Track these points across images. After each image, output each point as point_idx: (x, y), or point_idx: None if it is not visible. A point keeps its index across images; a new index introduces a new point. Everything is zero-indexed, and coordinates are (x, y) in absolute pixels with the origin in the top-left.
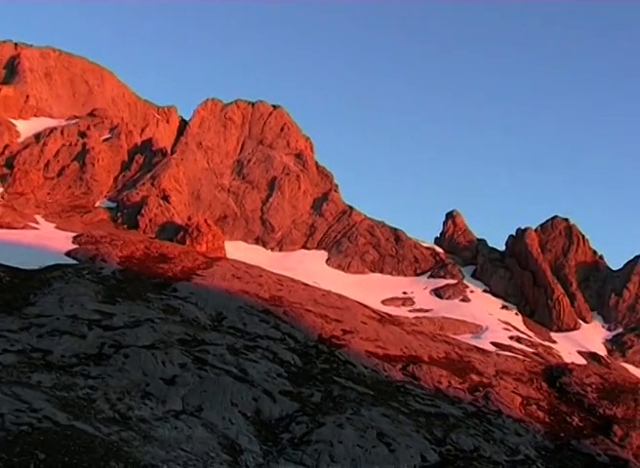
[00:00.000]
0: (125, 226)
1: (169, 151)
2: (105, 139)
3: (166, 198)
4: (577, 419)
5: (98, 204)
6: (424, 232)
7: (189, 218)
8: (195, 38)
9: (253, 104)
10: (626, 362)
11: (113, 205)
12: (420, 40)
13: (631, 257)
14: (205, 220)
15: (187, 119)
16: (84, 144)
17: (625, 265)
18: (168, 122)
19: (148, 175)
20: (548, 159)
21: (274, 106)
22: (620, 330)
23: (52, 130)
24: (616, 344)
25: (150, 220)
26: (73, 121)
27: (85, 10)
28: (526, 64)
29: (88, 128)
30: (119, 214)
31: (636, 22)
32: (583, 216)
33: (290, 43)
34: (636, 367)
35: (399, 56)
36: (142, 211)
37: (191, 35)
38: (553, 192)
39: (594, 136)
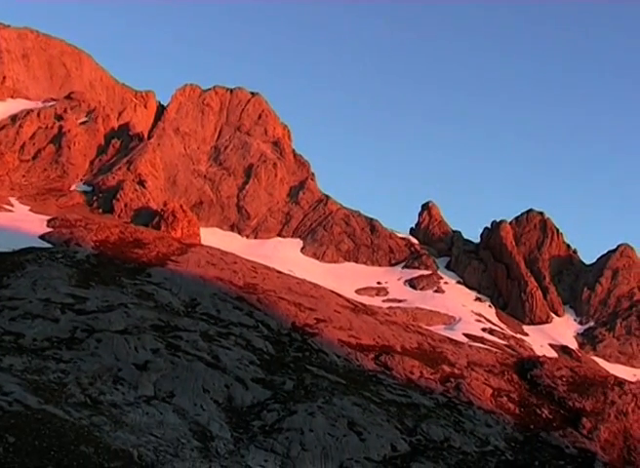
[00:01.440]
0: (100, 210)
1: (146, 136)
2: (82, 123)
3: (142, 183)
4: (546, 412)
5: (73, 187)
6: (400, 223)
7: (165, 204)
8: (175, 23)
9: (231, 91)
10: (597, 355)
11: (89, 189)
12: (398, 28)
13: (604, 252)
14: (181, 206)
15: (165, 104)
16: (60, 127)
17: (598, 260)
18: (145, 107)
19: (125, 160)
20: (525, 152)
21: (253, 93)
22: (592, 323)
23: (28, 112)
24: (587, 338)
25: (126, 205)
26: (50, 103)
27: None
28: (503, 58)
29: (65, 111)
30: (94, 199)
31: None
32: (558, 210)
33: (269, 30)
34: (606, 360)
35: (378, 44)
36: (118, 195)
37: (171, 20)
38: (529, 186)
39: (571, 131)
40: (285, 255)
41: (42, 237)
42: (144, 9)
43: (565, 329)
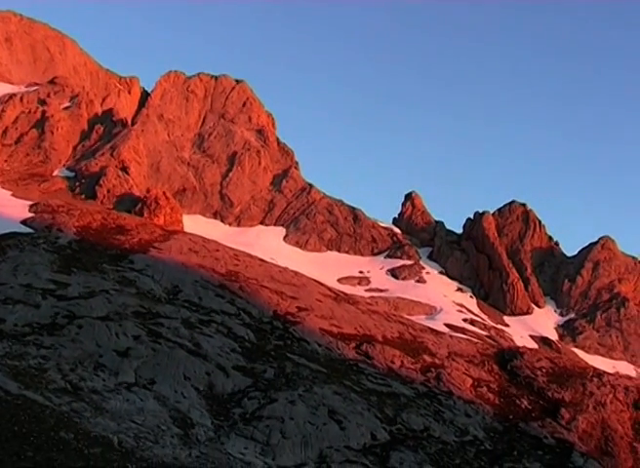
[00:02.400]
0: (83, 196)
1: (129, 122)
2: (65, 108)
3: (125, 169)
4: (526, 402)
5: (56, 173)
6: (383, 212)
7: (148, 190)
8: (160, 10)
9: (216, 78)
10: (577, 347)
11: (71, 174)
12: (383, 15)
13: (586, 244)
14: (164, 193)
15: (149, 90)
16: (43, 112)
17: (580, 252)
18: (129, 93)
19: (108, 146)
20: (508, 144)
21: (237, 81)
22: (572, 315)
23: (11, 96)
24: (567, 329)
25: (108, 191)
26: (33, 88)
27: None
28: (486, 47)
29: (48, 95)
30: (77, 184)
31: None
32: (541, 202)
33: (254, 18)
34: (586, 352)
35: (363, 32)
36: (101, 181)
37: (156, 7)
38: (512, 177)
39: (554, 123)
40: (267, 244)
41: (24, 222)
42: None
43: (545, 320)
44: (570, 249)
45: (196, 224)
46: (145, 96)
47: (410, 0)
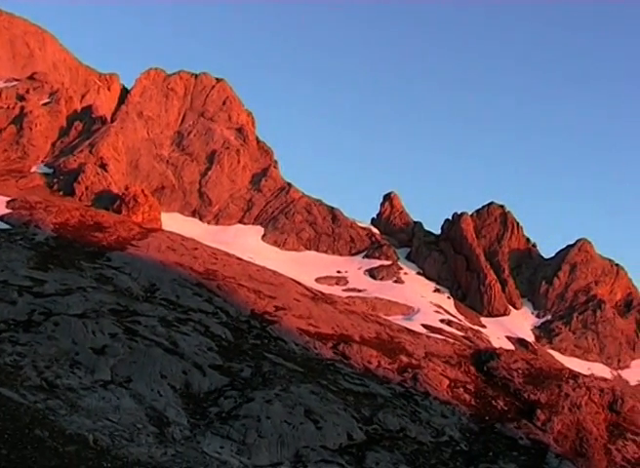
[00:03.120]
0: (61, 193)
1: (109, 119)
2: (44, 104)
3: (103, 166)
4: (502, 403)
5: (34, 169)
6: (361, 213)
7: (126, 188)
8: (141, 6)
9: (196, 76)
10: (553, 349)
11: (50, 171)
12: (363, 15)
13: (563, 247)
14: (142, 191)
15: (129, 88)
16: (22, 108)
17: (557, 254)
18: (109, 89)
19: (87, 143)
20: (487, 145)
21: (217, 79)
22: (549, 317)
23: None
24: (544, 331)
25: (87, 188)
26: (12, 83)
27: None
28: (466, 48)
29: (27, 91)
30: (55, 181)
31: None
32: (519, 204)
33: (236, 16)
34: (562, 354)
35: (343, 31)
36: (79, 178)
37: (137, 3)
38: (490, 178)
39: (533, 125)
40: (246, 243)
41: (1, 218)
42: None
43: (522, 321)
44: (547, 251)
45: (174, 222)
46: (125, 93)
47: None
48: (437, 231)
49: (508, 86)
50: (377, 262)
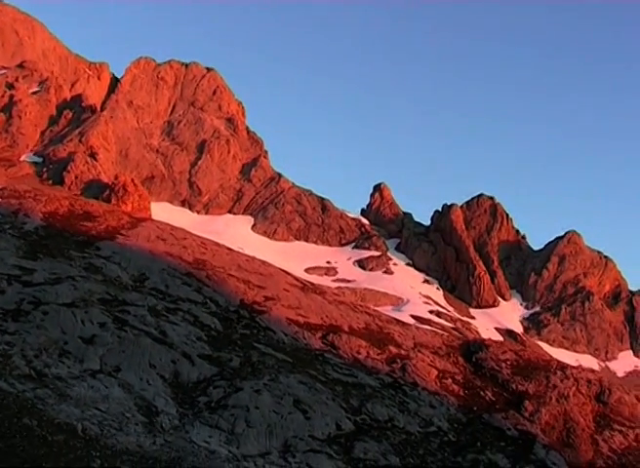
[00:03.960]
0: (50, 182)
1: (98, 108)
2: (34, 92)
3: (93, 155)
4: (490, 394)
5: (23, 158)
6: (351, 203)
7: (116, 177)
8: None
9: (186, 66)
10: (541, 340)
11: (39, 160)
12: (354, 5)
13: (552, 238)
14: (132, 180)
15: (119, 77)
16: (11, 96)
17: (546, 246)
18: (99, 78)
19: (76, 132)
20: (477, 136)
21: (208, 69)
22: (538, 308)
23: None
24: (532, 323)
25: (76, 177)
26: (1, 72)
27: None
28: (456, 35)
29: (16, 79)
30: (44, 170)
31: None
32: (509, 195)
33: (226, 6)
34: (550, 345)
35: (334, 20)
36: (69, 167)
37: None
38: (480, 170)
39: (524, 117)
40: (235, 233)
41: None
42: None
43: (511, 313)
44: (536, 242)
45: (164, 212)
46: (115, 82)
47: None
48: (427, 222)
49: (499, 77)
50: (366, 253)
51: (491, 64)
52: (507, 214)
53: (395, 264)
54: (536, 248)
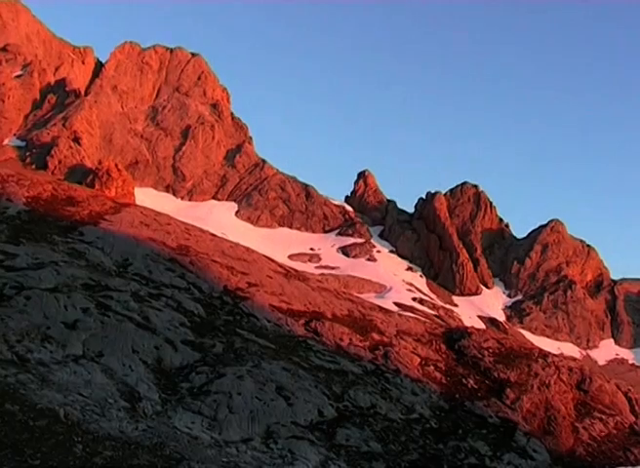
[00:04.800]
0: (33, 166)
1: (82, 93)
2: (17, 76)
3: (77, 140)
4: (472, 382)
5: (6, 142)
6: (335, 190)
7: (100, 162)
8: None
9: (171, 51)
10: (523, 328)
11: (22, 144)
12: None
13: (536, 227)
14: (116, 165)
15: (104, 61)
16: None
17: (529, 234)
18: (83, 63)
19: (60, 116)
20: (462, 124)
21: (193, 54)
22: (520, 297)
23: None
24: (515, 311)
25: (60, 162)
26: None
27: None
28: (442, 26)
29: None
30: (28, 154)
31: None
32: (492, 183)
33: None
34: (532, 333)
35: (318, 7)
36: (52, 151)
37: None
38: (465, 158)
39: (508, 105)
40: (219, 219)
41: None
42: None
43: (494, 301)
44: (520, 231)
45: (148, 197)
46: (99, 66)
47: None
48: (411, 210)
49: (483, 64)
50: (350, 240)
51: (472, 51)
52: (491, 203)
53: (379, 251)
54: (519, 236)
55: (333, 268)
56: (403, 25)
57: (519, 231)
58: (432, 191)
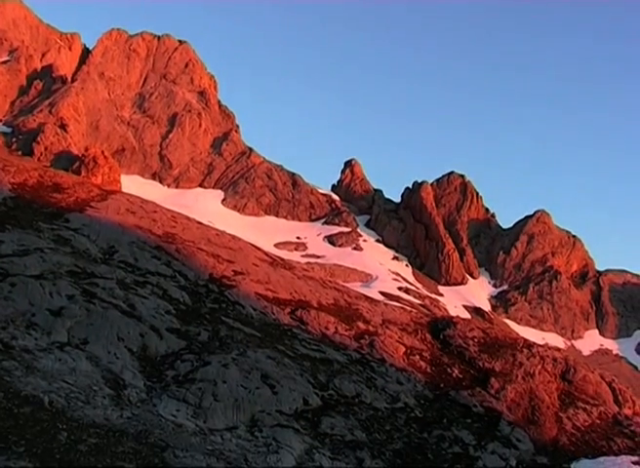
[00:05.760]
0: (19, 153)
1: (69, 79)
2: (4, 62)
3: (63, 127)
4: (457, 371)
5: None
6: (322, 179)
7: (86, 149)
8: None
9: (159, 38)
10: (508, 318)
11: (8, 130)
12: None
13: (522, 217)
14: (102, 152)
15: (91, 48)
16: None
17: (515, 225)
18: (70, 49)
19: (47, 102)
20: (450, 114)
21: (180, 41)
22: (506, 287)
23: None
24: (500, 301)
25: (46, 148)
26: None
27: None
28: (427, 14)
29: None
30: (14, 140)
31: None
32: (479, 173)
33: None
34: (517, 323)
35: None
36: (38, 138)
37: None
38: (452, 147)
39: (496, 96)
40: (205, 206)
41: None
42: None
43: (479, 291)
44: (506, 221)
45: (134, 185)
46: (86, 53)
47: None
48: (397, 199)
49: (469, 54)
50: (336, 229)
51: (458, 40)
52: (477, 193)
53: (365, 241)
54: (505, 226)
55: (319, 257)
56: (389, 11)
57: (505, 221)
58: (419, 181)
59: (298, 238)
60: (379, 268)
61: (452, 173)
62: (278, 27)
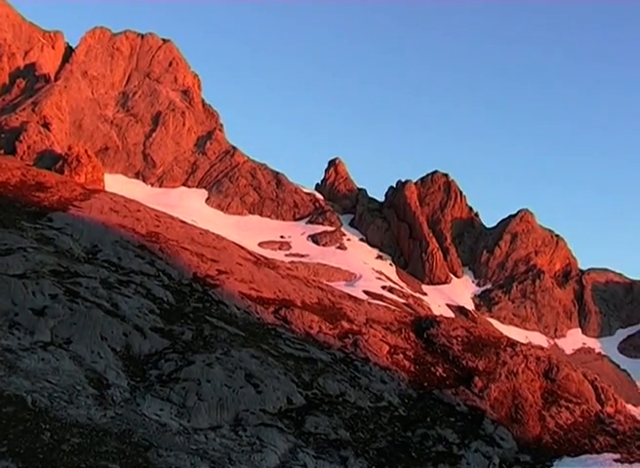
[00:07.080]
0: (2, 151)
1: (52, 78)
2: None
3: (46, 125)
4: (440, 370)
5: None
6: (306, 178)
7: (69, 148)
8: None
9: (142, 36)
10: (492, 317)
11: None
12: None
13: (505, 216)
14: (85, 151)
15: (74, 46)
16: None
17: (499, 224)
18: (53, 47)
19: (29, 101)
20: (434, 114)
21: (164, 40)
22: (489, 286)
23: None
24: (483, 300)
25: (29, 147)
26: None
27: None
28: (414, 15)
29: None
30: None
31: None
32: (463, 172)
33: None
34: (501, 322)
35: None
36: (21, 137)
37: None
38: (435, 146)
39: (477, 95)
40: (189, 206)
41: None
42: None
43: (463, 290)
44: (489, 220)
45: (118, 184)
46: (70, 51)
47: None
48: (381, 198)
49: (454, 54)
50: (320, 228)
51: (444, 41)
52: (461, 192)
53: (349, 240)
54: (489, 225)
55: (303, 256)
56: (371, 10)
57: (489, 220)
58: (403, 180)
59: (282, 237)
60: (362, 267)
61: (436, 172)
62: (262, 27)
